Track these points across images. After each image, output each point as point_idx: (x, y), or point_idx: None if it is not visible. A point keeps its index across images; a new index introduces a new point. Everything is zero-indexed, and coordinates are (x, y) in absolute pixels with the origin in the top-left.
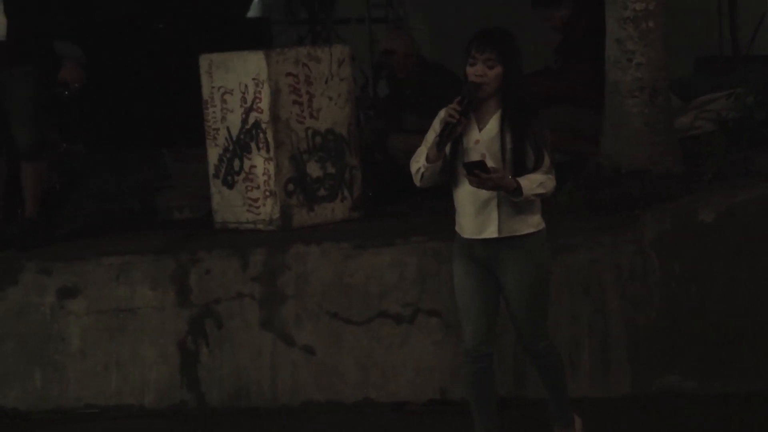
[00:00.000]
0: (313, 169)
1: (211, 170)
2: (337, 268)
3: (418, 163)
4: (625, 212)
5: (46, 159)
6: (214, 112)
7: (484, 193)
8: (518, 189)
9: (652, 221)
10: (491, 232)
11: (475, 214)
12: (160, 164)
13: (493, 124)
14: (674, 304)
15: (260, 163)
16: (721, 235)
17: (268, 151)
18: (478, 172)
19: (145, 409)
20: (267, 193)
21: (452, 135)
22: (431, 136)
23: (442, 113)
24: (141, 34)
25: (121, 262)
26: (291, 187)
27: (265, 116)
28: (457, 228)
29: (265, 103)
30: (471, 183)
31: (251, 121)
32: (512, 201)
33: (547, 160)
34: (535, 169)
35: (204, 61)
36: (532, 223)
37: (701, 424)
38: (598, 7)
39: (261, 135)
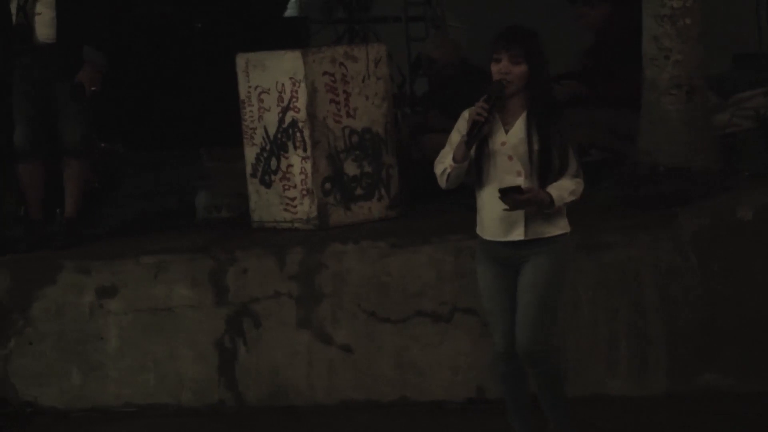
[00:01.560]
0: (350, 168)
1: (249, 169)
2: (374, 267)
3: (444, 164)
4: (662, 210)
5: (88, 158)
6: (251, 111)
7: None
8: (552, 201)
9: (689, 219)
10: (517, 234)
11: (501, 216)
12: (198, 163)
13: (519, 126)
14: (712, 302)
15: (297, 162)
16: (759, 233)
17: (305, 150)
18: (514, 196)
19: (183, 407)
20: (304, 192)
21: (480, 133)
22: (455, 136)
23: (465, 114)
24: (179, 33)
25: (158, 261)
26: (328, 186)
27: (302, 115)
28: (478, 230)
29: (301, 102)
30: (507, 204)
31: (288, 120)
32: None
33: (574, 164)
34: (562, 172)
35: (241, 60)
36: (559, 226)
37: (739, 422)
38: (633, 7)
39: (298, 134)
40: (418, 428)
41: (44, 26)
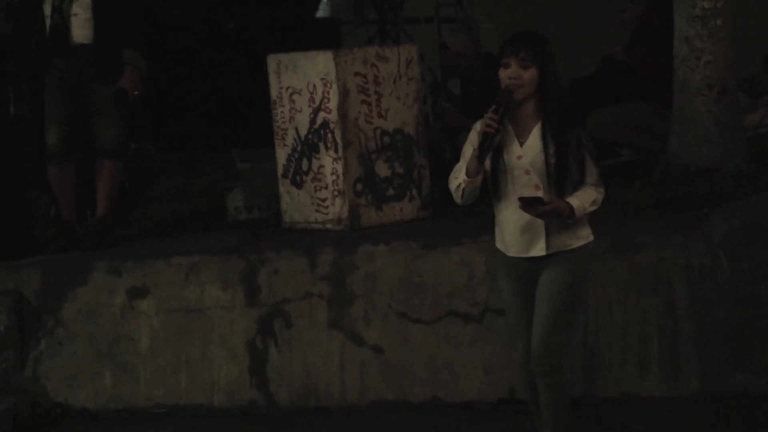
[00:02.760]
0: (382, 169)
1: (280, 170)
2: (405, 268)
3: (458, 179)
4: (694, 211)
5: (123, 159)
6: (282, 112)
7: None
8: (572, 211)
9: (721, 220)
10: (539, 249)
11: (521, 232)
12: (229, 164)
13: (534, 138)
14: (743, 303)
15: (329, 163)
16: None
17: (336, 150)
18: (536, 206)
19: (215, 408)
20: (335, 193)
21: (492, 145)
22: (468, 150)
23: (477, 125)
24: (211, 34)
25: (190, 262)
26: (359, 186)
27: (333, 116)
28: (498, 245)
29: (333, 103)
30: (528, 213)
31: (319, 120)
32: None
33: (594, 173)
34: (581, 182)
35: (272, 61)
36: (581, 236)
37: None
38: (669, 5)
39: (329, 135)
40: (449, 429)
41: (81, 27)
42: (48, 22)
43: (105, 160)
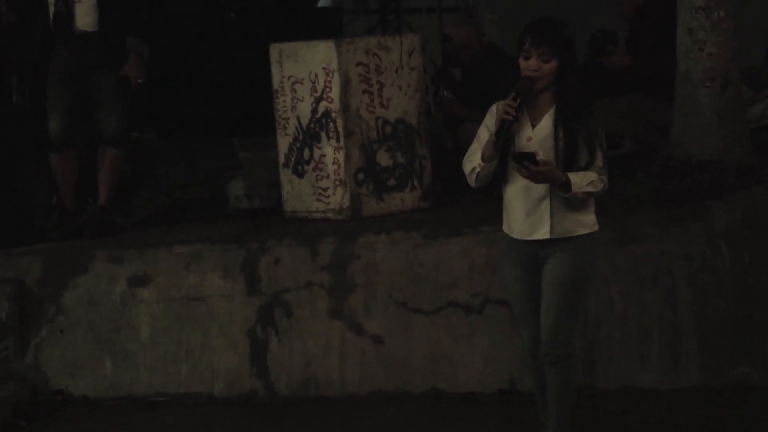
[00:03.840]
0: (383, 159)
1: (281, 159)
2: (406, 258)
3: (473, 162)
4: (695, 203)
5: (125, 147)
6: (284, 101)
7: (537, 193)
8: (567, 183)
9: (722, 212)
10: (543, 233)
11: (526, 214)
12: (231, 153)
13: (546, 122)
14: (744, 295)
15: (330, 153)
16: None
17: (338, 140)
18: (527, 164)
19: (215, 397)
20: (337, 183)
21: (509, 132)
22: (483, 133)
23: (493, 109)
24: (212, 23)
25: (191, 251)
26: (361, 176)
27: (335, 105)
28: (504, 228)
29: (335, 93)
30: (520, 174)
31: (321, 110)
32: (565, 200)
33: (600, 160)
34: (587, 168)
35: (274, 50)
36: (586, 224)
37: None
38: None
39: (331, 124)
40: (449, 419)
41: (85, 14)
42: (51, 9)
43: (107, 148)
